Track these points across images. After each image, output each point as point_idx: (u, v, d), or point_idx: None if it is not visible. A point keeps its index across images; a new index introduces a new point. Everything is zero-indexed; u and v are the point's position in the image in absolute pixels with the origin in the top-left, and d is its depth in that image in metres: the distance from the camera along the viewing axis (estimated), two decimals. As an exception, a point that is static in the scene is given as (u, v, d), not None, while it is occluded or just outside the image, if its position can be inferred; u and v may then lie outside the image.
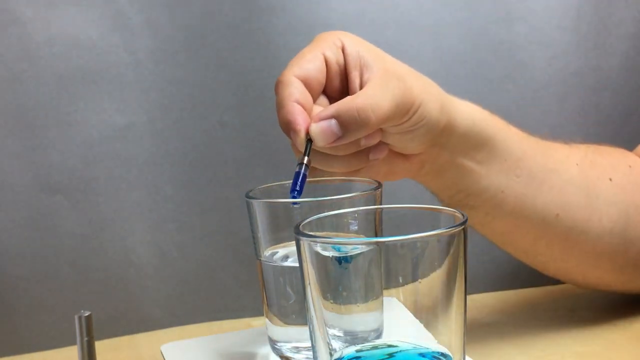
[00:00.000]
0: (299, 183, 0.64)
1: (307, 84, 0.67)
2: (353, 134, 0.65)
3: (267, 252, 0.70)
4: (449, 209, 0.54)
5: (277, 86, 0.67)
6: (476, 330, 0.81)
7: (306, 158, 0.65)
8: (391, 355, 0.52)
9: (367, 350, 0.53)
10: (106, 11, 0.90)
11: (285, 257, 0.70)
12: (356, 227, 0.62)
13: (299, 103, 0.66)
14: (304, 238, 0.52)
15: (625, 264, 0.79)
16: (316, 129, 0.64)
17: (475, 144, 0.72)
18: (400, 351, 0.52)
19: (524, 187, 0.74)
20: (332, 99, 0.69)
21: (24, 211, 0.90)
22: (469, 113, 0.72)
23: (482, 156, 0.73)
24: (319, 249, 0.52)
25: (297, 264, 0.54)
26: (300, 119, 0.65)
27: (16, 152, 0.89)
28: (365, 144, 0.67)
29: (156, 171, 0.93)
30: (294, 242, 0.53)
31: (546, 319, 0.84)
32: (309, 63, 0.68)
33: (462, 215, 0.52)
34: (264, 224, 0.70)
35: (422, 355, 0.52)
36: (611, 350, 0.75)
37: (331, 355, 0.52)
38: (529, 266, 0.82)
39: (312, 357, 0.55)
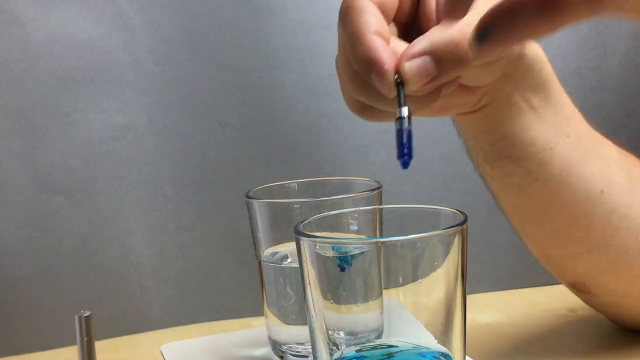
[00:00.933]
0: (407, 144, 0.50)
1: (381, 10, 0.55)
2: (449, 73, 0.54)
3: (267, 252, 0.70)
4: (449, 209, 0.54)
5: (348, 13, 0.54)
6: (476, 330, 0.81)
7: (405, 109, 0.51)
8: (391, 355, 0.52)
9: (367, 350, 0.53)
10: (106, 11, 0.90)
11: (285, 257, 0.70)
12: (356, 227, 0.62)
13: (379, 35, 0.53)
14: (304, 238, 0.52)
15: None
16: (411, 68, 0.52)
17: (534, 83, 0.65)
18: (400, 351, 0.52)
19: (572, 149, 0.67)
20: (399, 25, 0.59)
21: (24, 211, 0.90)
22: (534, 48, 0.65)
23: (537, 100, 0.65)
24: (319, 249, 0.52)
25: (297, 264, 0.54)
26: (386, 56, 0.52)
27: (16, 152, 0.89)
28: (446, 90, 0.57)
29: (156, 171, 0.93)
30: (294, 242, 0.53)
31: (546, 319, 0.84)
32: None
33: (463, 215, 0.52)
34: (264, 224, 0.70)
35: (422, 355, 0.52)
36: (611, 350, 0.75)
37: (331, 355, 0.52)
38: (551, 271, 0.75)
39: (312, 357, 0.55)
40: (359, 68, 0.54)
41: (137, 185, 0.93)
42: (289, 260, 0.70)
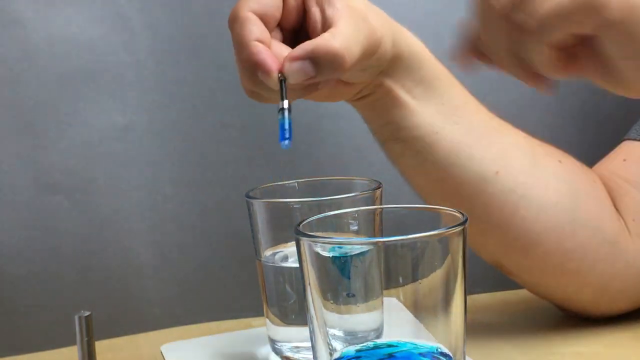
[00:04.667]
0: (287, 129, 0.61)
1: (263, 20, 0.64)
2: (326, 75, 0.63)
3: (267, 252, 0.70)
4: (449, 209, 0.54)
5: (233, 22, 0.64)
6: (476, 330, 0.81)
7: (286, 102, 0.62)
8: (391, 355, 0.52)
9: (367, 350, 0.53)
10: (106, 11, 0.90)
11: (285, 257, 0.70)
12: (356, 227, 0.62)
13: (260, 41, 0.63)
14: (304, 238, 0.52)
15: (573, 247, 0.75)
16: (291, 68, 0.61)
17: (414, 78, 0.70)
18: (400, 351, 0.52)
19: (462, 135, 0.72)
20: (286, 32, 0.67)
21: (24, 211, 0.90)
22: (415, 47, 0.71)
23: (419, 91, 0.71)
24: (319, 249, 0.52)
25: (297, 264, 0.53)
26: (269, 59, 0.61)
27: (16, 152, 0.90)
28: (324, 85, 0.65)
29: (156, 171, 0.93)
30: (294, 242, 0.53)
31: (546, 319, 0.84)
32: None
33: (462, 215, 0.52)
34: (264, 224, 0.70)
35: (422, 355, 0.52)
36: (611, 350, 0.75)
37: (331, 355, 0.52)
38: (473, 252, 0.76)
39: (312, 357, 0.55)
40: (245, 68, 0.63)
41: (137, 185, 0.93)
42: (289, 260, 0.69)
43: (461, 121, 0.72)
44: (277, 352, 0.71)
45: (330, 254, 0.52)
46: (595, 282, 0.77)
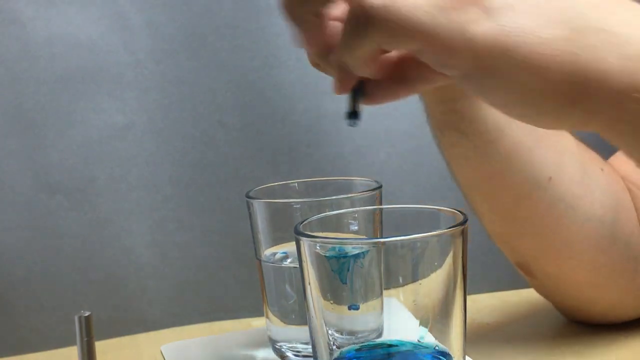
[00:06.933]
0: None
1: None
2: None
3: (267, 252, 0.70)
4: (449, 209, 0.54)
5: None
6: (476, 330, 0.81)
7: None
8: (391, 355, 0.52)
9: (367, 350, 0.53)
10: (106, 11, 0.90)
11: (285, 257, 0.70)
12: (356, 227, 0.62)
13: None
14: (304, 238, 0.52)
15: (604, 262, 0.74)
16: None
17: None
18: (400, 351, 0.52)
19: (524, 135, 0.68)
20: None
21: (24, 211, 0.90)
22: None
23: None
24: (319, 249, 0.52)
25: (297, 264, 0.54)
26: None
27: (16, 152, 0.90)
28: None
29: (156, 171, 0.93)
30: (294, 242, 0.53)
31: (546, 319, 0.84)
32: None
33: (462, 215, 0.52)
34: (264, 224, 0.70)
35: (422, 355, 0.52)
36: (611, 350, 0.75)
37: (331, 355, 0.52)
38: (502, 249, 0.76)
39: (312, 357, 0.55)
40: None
41: (137, 185, 0.93)
42: (289, 260, 0.69)
43: None
44: (277, 352, 0.71)
45: (330, 254, 0.52)
46: (612, 297, 0.76)
